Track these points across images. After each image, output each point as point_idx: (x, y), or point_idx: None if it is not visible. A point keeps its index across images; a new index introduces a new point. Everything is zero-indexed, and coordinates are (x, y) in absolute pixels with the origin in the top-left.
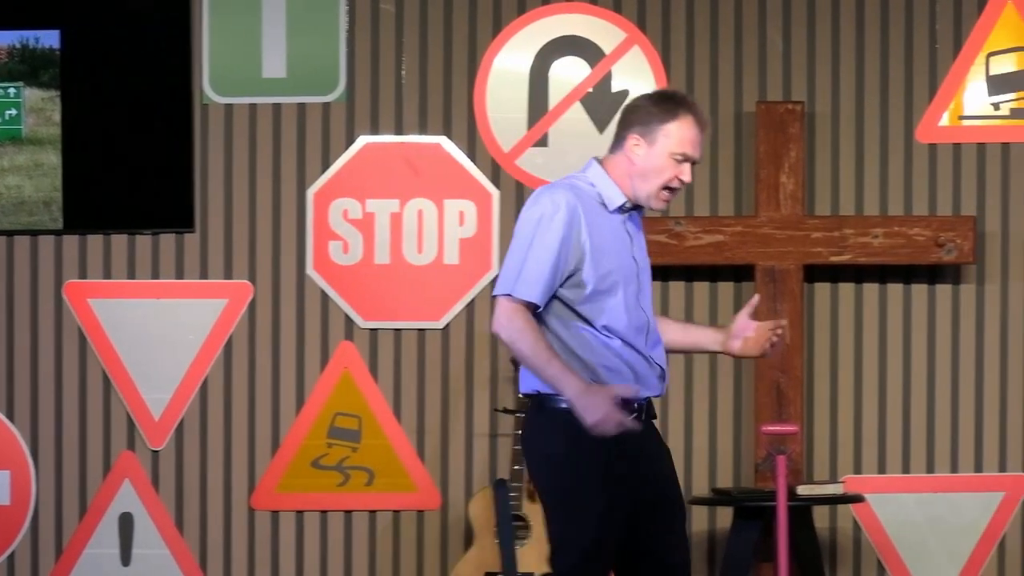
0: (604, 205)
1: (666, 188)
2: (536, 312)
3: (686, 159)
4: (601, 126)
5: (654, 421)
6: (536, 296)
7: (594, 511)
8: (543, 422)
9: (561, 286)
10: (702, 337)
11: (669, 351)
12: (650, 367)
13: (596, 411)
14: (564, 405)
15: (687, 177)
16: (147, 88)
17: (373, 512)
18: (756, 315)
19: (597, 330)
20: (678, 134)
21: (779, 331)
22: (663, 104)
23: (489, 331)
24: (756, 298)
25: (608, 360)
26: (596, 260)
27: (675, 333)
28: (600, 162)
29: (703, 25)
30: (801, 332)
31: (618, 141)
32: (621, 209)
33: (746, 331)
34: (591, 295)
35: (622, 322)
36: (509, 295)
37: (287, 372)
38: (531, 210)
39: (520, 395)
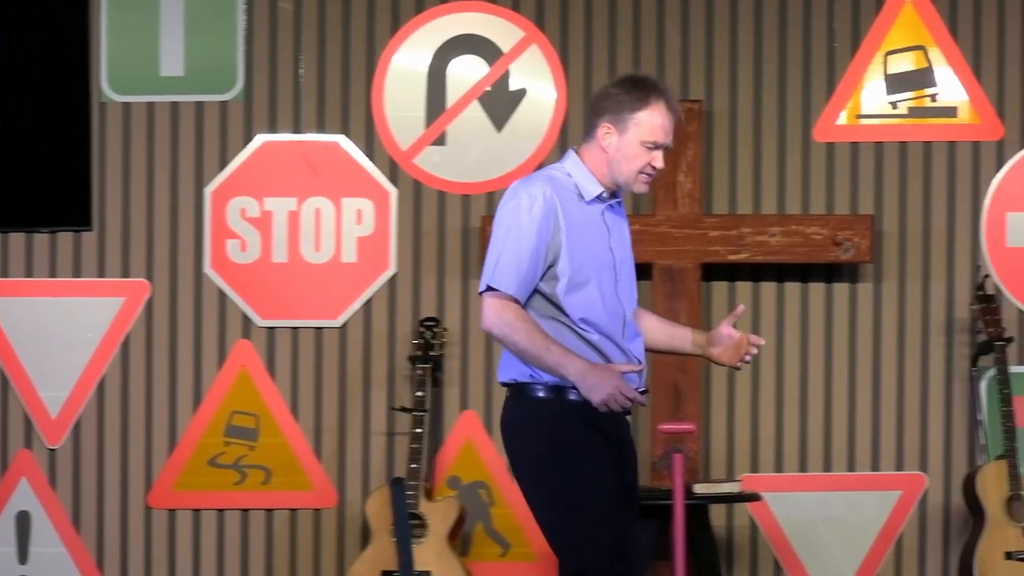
0: (581, 196)
1: (645, 174)
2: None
3: (657, 147)
4: (499, 124)
5: (628, 418)
6: (514, 288)
7: (587, 500)
8: (520, 415)
9: (540, 279)
10: (684, 340)
11: (648, 350)
12: (627, 360)
13: (602, 389)
14: (543, 394)
15: (660, 164)
16: (45, 86)
17: (270, 511)
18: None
19: (575, 323)
20: (649, 122)
21: (754, 350)
22: (634, 91)
23: (386, 329)
24: (740, 308)
25: (585, 353)
26: (572, 252)
27: (659, 333)
28: (577, 152)
29: (601, 24)
30: None
31: (590, 130)
32: (599, 199)
33: (727, 340)
34: (567, 287)
35: (599, 315)
36: (493, 290)
37: (184, 370)
38: (508, 204)
39: (500, 383)
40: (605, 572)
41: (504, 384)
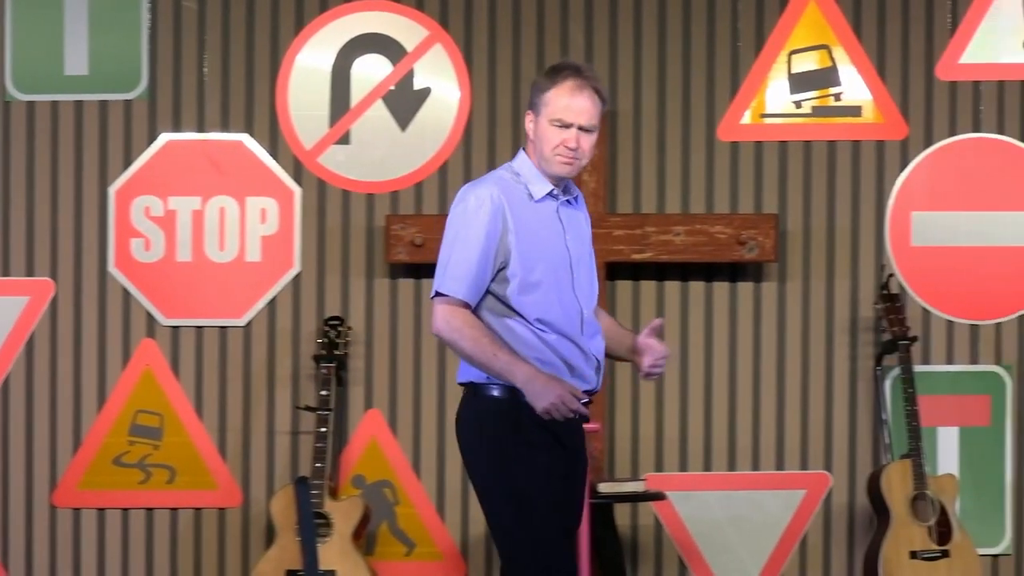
0: (531, 195)
1: (562, 155)
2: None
3: (564, 125)
4: (403, 124)
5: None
6: (462, 292)
7: (539, 499)
8: (475, 413)
9: (492, 280)
10: (623, 346)
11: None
12: (586, 359)
13: (546, 397)
14: (497, 393)
15: (573, 144)
16: None
17: (175, 510)
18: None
19: (531, 323)
20: (554, 101)
21: (655, 367)
22: (546, 74)
23: (291, 328)
24: (658, 321)
25: (542, 353)
26: (522, 253)
27: (614, 338)
28: (524, 149)
29: (505, 23)
30: None
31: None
32: (551, 196)
33: (648, 350)
34: (519, 288)
35: (555, 314)
36: (442, 295)
37: (89, 369)
38: (456, 208)
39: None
40: (541, 570)
41: (461, 384)
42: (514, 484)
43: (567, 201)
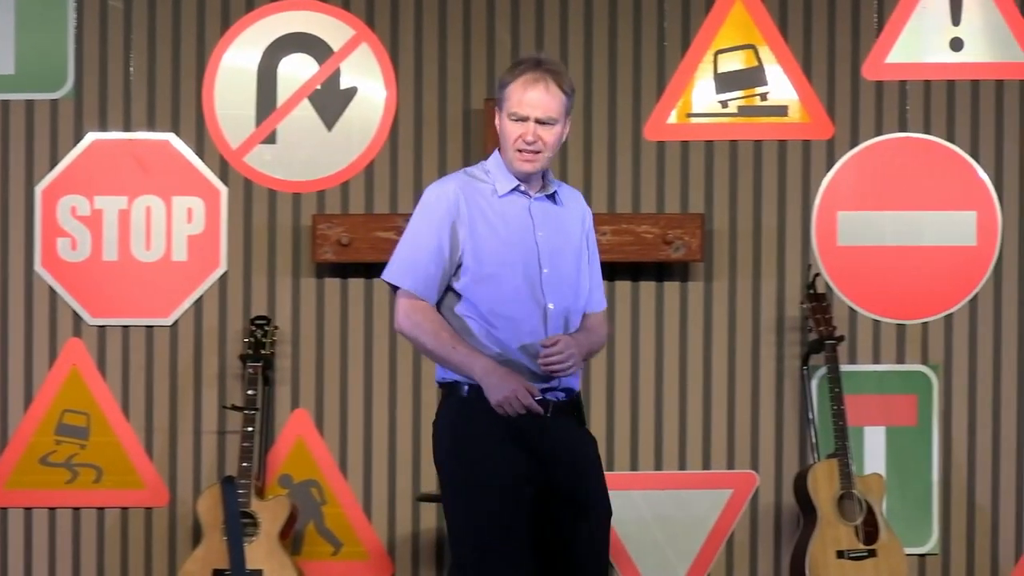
0: (496, 191)
1: (520, 150)
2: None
3: (520, 118)
4: (329, 123)
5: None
6: (408, 283)
7: (493, 487)
8: (445, 413)
9: (453, 276)
10: None
11: None
12: (536, 353)
13: (500, 391)
14: (467, 393)
15: (529, 137)
16: None
17: (101, 509)
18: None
19: (484, 317)
20: (512, 96)
21: (545, 360)
22: (508, 69)
23: (217, 328)
24: (549, 339)
25: (490, 350)
26: (476, 246)
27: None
28: (498, 147)
29: (431, 22)
30: None
31: None
32: (519, 192)
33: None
34: (471, 281)
35: (509, 308)
36: (403, 291)
37: (15, 369)
38: (418, 203)
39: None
40: (484, 571)
41: (438, 384)
42: (466, 479)
43: (547, 197)
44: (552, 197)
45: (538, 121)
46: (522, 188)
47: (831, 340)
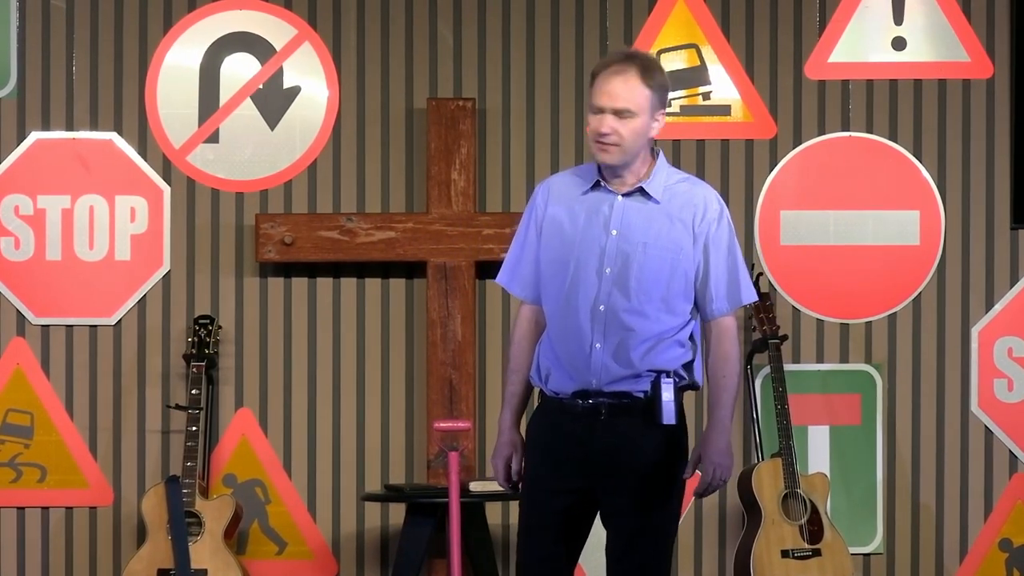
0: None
1: (596, 141)
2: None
3: (597, 110)
4: (272, 122)
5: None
6: (504, 279)
7: (527, 495)
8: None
9: None
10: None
11: None
12: (584, 351)
13: (495, 453)
14: (549, 394)
15: (603, 128)
16: None
17: (46, 508)
18: (429, 313)
19: (547, 316)
20: (594, 87)
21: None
22: (599, 63)
23: (161, 327)
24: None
25: (544, 348)
26: (548, 242)
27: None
28: None
29: (373, 21)
30: (473, 328)
31: None
32: (601, 188)
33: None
34: (544, 279)
35: (559, 304)
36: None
37: None
38: None
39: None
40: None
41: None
42: (527, 478)
43: (637, 192)
44: (645, 193)
45: (615, 112)
46: (603, 183)
47: (775, 339)
